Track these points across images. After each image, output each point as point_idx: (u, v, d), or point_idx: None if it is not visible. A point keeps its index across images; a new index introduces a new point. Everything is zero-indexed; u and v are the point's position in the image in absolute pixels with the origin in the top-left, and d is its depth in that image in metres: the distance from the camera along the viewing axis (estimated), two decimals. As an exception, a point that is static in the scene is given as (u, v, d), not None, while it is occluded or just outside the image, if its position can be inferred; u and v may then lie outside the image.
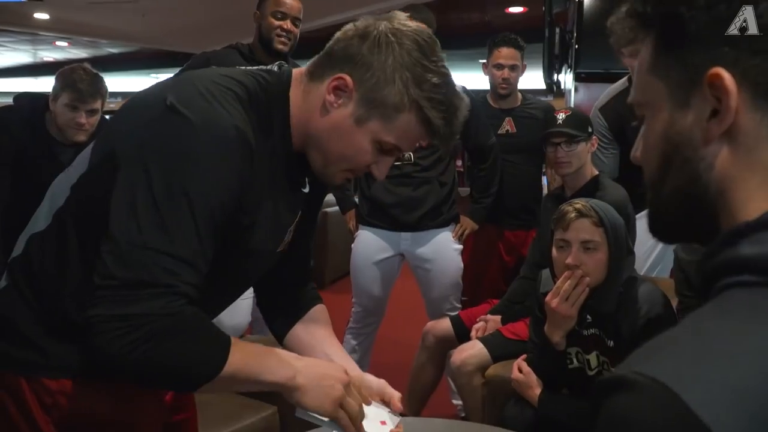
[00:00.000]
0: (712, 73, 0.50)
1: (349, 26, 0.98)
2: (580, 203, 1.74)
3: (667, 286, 1.97)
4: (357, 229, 2.77)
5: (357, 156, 0.98)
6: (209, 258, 0.88)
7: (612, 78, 3.96)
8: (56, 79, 2.34)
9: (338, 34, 0.98)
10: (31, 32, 7.75)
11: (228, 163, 0.88)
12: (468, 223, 2.75)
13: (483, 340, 2.25)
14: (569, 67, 4.87)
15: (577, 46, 4.49)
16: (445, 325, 2.51)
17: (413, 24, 0.98)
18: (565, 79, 5.23)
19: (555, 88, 5.25)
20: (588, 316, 1.76)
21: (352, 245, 2.79)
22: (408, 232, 2.66)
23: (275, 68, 1.03)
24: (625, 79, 2.62)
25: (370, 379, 1.14)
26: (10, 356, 0.96)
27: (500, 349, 2.20)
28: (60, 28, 7.32)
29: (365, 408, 1.03)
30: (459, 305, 2.77)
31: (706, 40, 0.51)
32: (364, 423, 1.01)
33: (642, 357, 0.46)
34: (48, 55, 9.79)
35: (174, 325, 0.84)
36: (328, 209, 5.83)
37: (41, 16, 6.80)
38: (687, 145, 0.53)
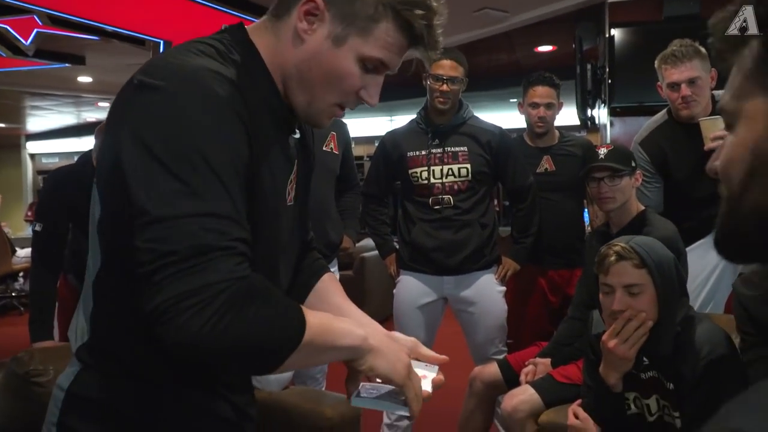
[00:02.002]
0: None
1: None
2: (619, 245, 1.68)
3: (724, 322, 1.89)
4: (398, 274, 2.75)
5: (343, 80, 0.91)
6: (244, 211, 0.82)
7: (647, 111, 3.93)
8: (95, 135, 2.44)
9: None
10: (74, 95, 8.08)
11: (219, 106, 0.81)
12: (510, 264, 2.71)
13: (534, 384, 2.18)
14: (603, 102, 4.86)
15: (610, 81, 4.48)
16: (492, 369, 2.44)
17: None
18: (599, 114, 5.21)
19: (589, 123, 5.23)
20: (645, 359, 1.69)
21: (394, 291, 2.76)
22: (450, 275, 2.63)
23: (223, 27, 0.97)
24: (664, 111, 2.58)
25: (399, 337, 1.06)
26: None
27: (552, 393, 2.13)
28: (102, 90, 7.60)
29: None
30: (505, 348, 2.71)
31: None
32: None
33: (743, 411, 0.40)
34: (91, 116, 10.17)
35: (249, 290, 0.77)
36: (366, 254, 5.82)
37: (84, 79, 7.10)
38: None
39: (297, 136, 1.02)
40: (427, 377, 1.00)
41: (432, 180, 2.61)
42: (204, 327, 0.73)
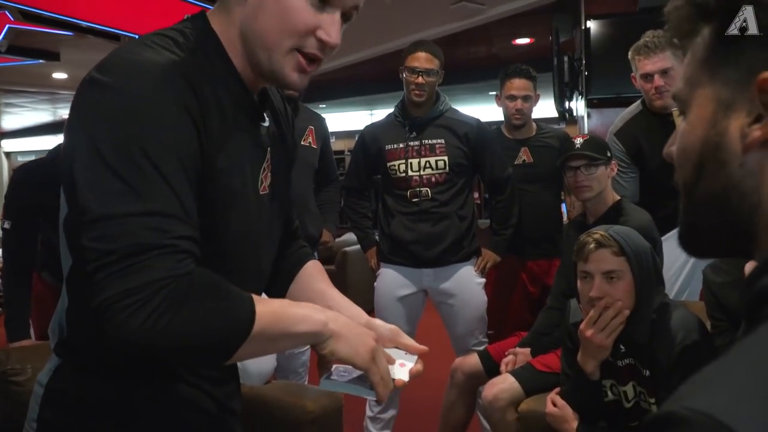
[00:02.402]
0: (765, 77, 0.47)
1: None
2: (598, 233, 1.71)
3: (698, 309, 1.92)
4: (379, 267, 2.76)
5: (293, 18, 0.86)
6: (193, 208, 0.82)
7: (624, 102, 3.97)
8: (63, 132, 2.41)
9: None
10: (50, 92, 7.96)
11: (166, 102, 0.80)
12: (490, 256, 2.72)
13: (514, 373, 2.21)
14: (580, 94, 4.90)
15: (587, 73, 4.51)
16: (473, 360, 2.46)
17: None
18: (577, 106, 5.25)
19: (567, 115, 5.26)
20: (621, 346, 1.72)
21: (375, 283, 2.77)
22: (430, 268, 2.64)
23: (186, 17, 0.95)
24: (638, 102, 2.61)
25: (379, 324, 1.04)
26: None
27: (532, 382, 2.15)
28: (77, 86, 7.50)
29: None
30: (485, 339, 2.73)
31: (765, 40, 0.48)
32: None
33: (692, 390, 0.42)
34: (67, 113, 10.02)
35: (190, 286, 0.77)
36: (348, 248, 5.82)
37: (59, 75, 6.99)
38: (725, 149, 0.50)
39: (266, 123, 0.99)
40: (405, 365, 1.00)
41: (410, 173, 2.61)
42: (144, 324, 0.74)
